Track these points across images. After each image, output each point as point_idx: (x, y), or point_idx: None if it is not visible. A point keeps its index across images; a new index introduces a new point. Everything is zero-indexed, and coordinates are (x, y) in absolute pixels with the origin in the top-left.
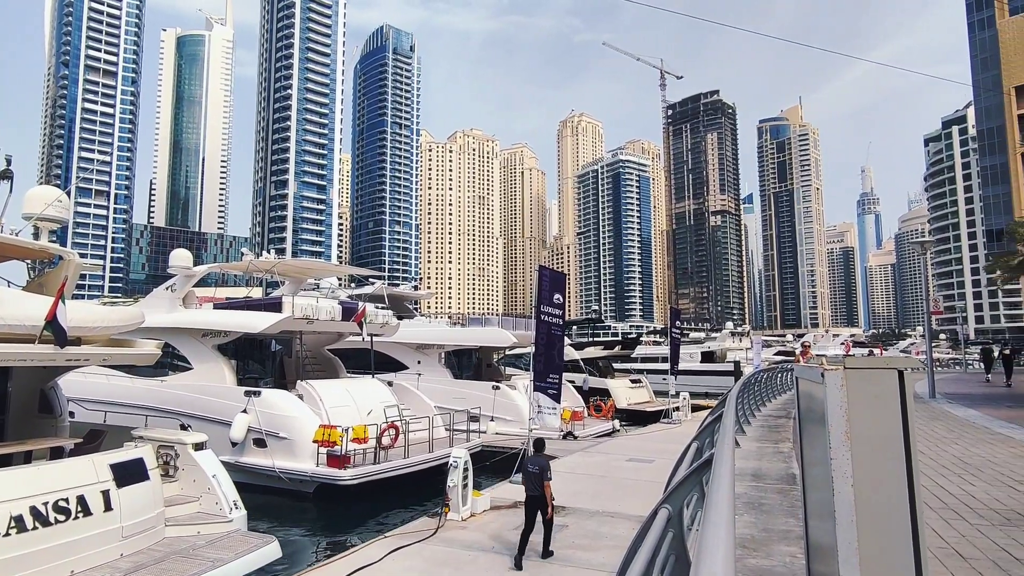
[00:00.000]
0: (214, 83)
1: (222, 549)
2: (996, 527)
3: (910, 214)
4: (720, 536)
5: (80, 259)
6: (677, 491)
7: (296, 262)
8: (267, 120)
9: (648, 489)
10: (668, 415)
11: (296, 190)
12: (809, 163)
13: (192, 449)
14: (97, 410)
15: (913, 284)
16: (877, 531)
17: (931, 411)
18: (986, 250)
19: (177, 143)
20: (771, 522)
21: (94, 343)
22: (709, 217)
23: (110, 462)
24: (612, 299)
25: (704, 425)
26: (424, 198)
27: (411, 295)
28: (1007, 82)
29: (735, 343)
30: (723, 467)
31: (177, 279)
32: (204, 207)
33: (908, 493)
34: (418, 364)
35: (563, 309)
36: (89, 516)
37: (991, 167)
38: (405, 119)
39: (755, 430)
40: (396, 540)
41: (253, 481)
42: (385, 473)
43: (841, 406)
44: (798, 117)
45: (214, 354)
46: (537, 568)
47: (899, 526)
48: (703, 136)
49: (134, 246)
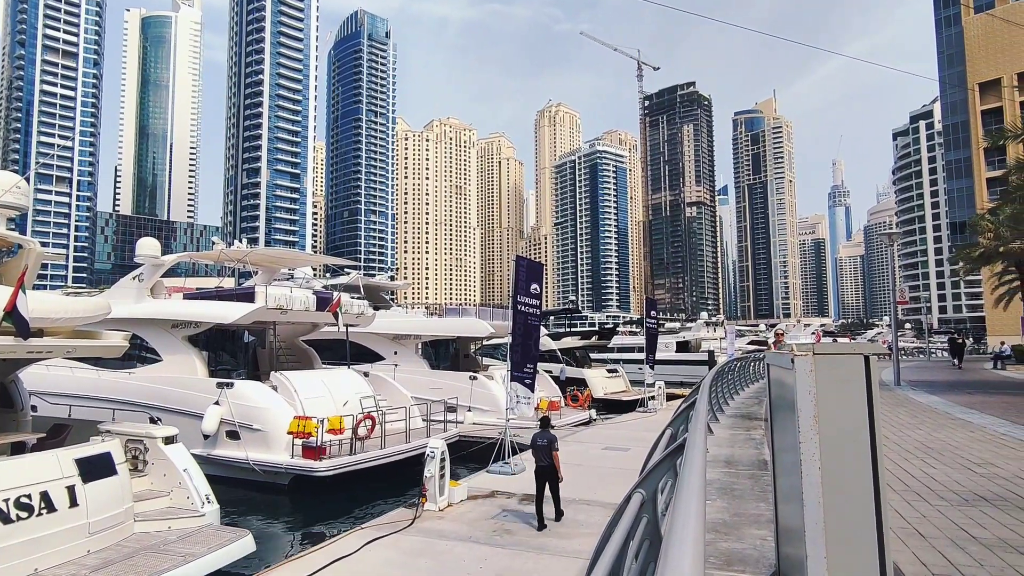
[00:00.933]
0: (181, 67)
1: (194, 544)
2: (955, 507)
3: (878, 207)
4: (691, 513)
5: (41, 248)
6: (651, 476)
7: (269, 251)
8: (238, 106)
9: (624, 477)
10: (644, 404)
11: (269, 178)
12: (783, 156)
13: (162, 443)
14: (61, 404)
15: (881, 275)
16: (842, 512)
17: (896, 398)
18: (950, 242)
19: (143, 128)
20: (743, 507)
21: (57, 335)
22: (685, 208)
23: (75, 457)
24: (589, 289)
25: (678, 412)
26: (400, 187)
27: (387, 285)
28: (971, 78)
29: (710, 333)
30: (695, 450)
31: (145, 268)
32: (173, 195)
33: (872, 475)
34: (395, 355)
35: (540, 299)
36: (54, 512)
37: (955, 161)
38: (381, 107)
39: (728, 418)
40: (373, 531)
41: (226, 474)
42: (361, 464)
43: (810, 391)
44: (772, 110)
45: (184, 345)
46: (512, 558)
47: (863, 507)
48: (679, 127)
49: (99, 235)
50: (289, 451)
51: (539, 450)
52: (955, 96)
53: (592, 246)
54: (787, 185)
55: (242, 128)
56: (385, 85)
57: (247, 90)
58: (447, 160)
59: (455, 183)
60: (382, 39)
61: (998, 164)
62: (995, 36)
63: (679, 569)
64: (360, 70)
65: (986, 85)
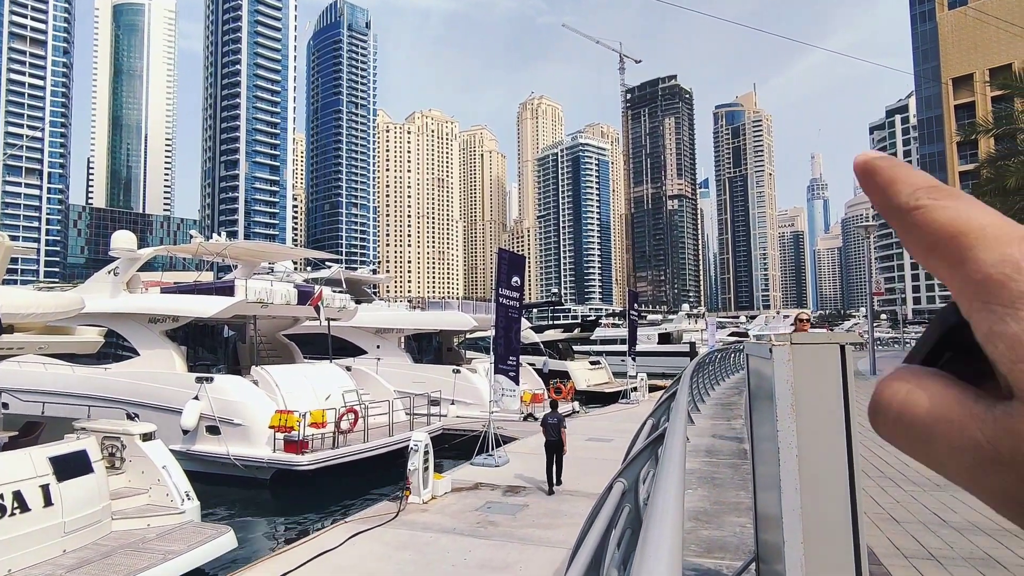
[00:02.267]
0: (156, 56)
1: (174, 541)
2: (927, 492)
3: (856, 199)
4: (670, 500)
5: (10, 241)
6: (632, 464)
7: (249, 245)
8: (215, 97)
9: (607, 467)
10: (626, 395)
11: (248, 171)
12: (762, 149)
13: (139, 440)
14: (34, 401)
15: (858, 267)
16: (819, 498)
17: (871, 387)
18: None
19: (116, 119)
20: (723, 495)
21: (29, 331)
22: (667, 201)
23: (49, 455)
24: (572, 282)
25: (660, 403)
26: (382, 180)
27: (369, 279)
28: (945, 74)
29: (691, 325)
30: (675, 439)
31: (120, 262)
32: (148, 188)
33: (848, 462)
34: (377, 348)
35: (521, 292)
36: (27, 512)
37: (930, 155)
38: (361, 98)
39: (709, 408)
40: (357, 525)
41: (207, 470)
42: (344, 458)
43: (788, 380)
44: (752, 103)
45: (162, 340)
46: (496, 549)
47: (838, 493)
48: (661, 120)
49: (71, 228)
50: (271, 446)
51: (549, 427)
52: (929, 91)
53: (575, 239)
54: (767, 178)
55: (219, 119)
56: (366, 76)
57: (224, 80)
58: (429, 152)
59: (437, 176)
60: (362, 29)
61: (970, 158)
62: (968, 32)
63: (658, 557)
64: (340, 61)
65: (959, 80)
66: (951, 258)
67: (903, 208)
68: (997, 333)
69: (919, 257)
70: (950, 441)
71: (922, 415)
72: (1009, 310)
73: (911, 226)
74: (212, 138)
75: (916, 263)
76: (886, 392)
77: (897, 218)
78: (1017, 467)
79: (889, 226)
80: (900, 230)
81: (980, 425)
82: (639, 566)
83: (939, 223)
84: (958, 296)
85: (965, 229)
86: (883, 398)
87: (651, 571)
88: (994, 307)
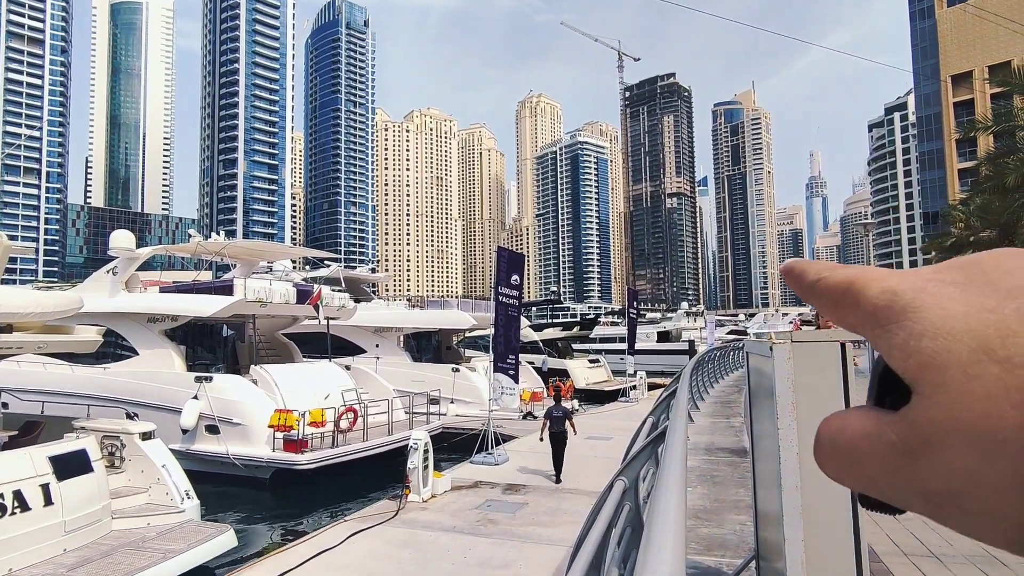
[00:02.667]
0: (154, 55)
1: (174, 540)
2: None
3: (854, 197)
4: (672, 500)
5: (9, 241)
6: (632, 463)
7: (247, 244)
8: (213, 95)
9: (606, 465)
10: (626, 394)
11: (246, 169)
12: (761, 147)
13: (139, 439)
14: (34, 400)
15: (857, 264)
16: (819, 496)
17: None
18: (923, 232)
19: (115, 118)
20: (723, 493)
21: (28, 330)
22: (665, 199)
23: (49, 454)
24: (571, 280)
25: (660, 400)
26: (381, 178)
27: (368, 278)
28: (944, 71)
29: (690, 323)
30: (676, 438)
31: (119, 262)
32: (147, 187)
33: None
34: (376, 347)
35: (520, 290)
36: (27, 511)
37: (928, 153)
38: (360, 97)
39: (708, 406)
40: (356, 523)
41: (206, 469)
42: (344, 457)
43: (788, 377)
44: (751, 101)
45: (161, 340)
46: (496, 547)
47: (839, 491)
48: (660, 119)
49: (70, 227)
50: (270, 445)
51: (555, 420)
52: (928, 88)
53: (574, 237)
54: (765, 176)
55: (217, 118)
56: (364, 75)
57: (222, 79)
58: (428, 151)
59: (436, 174)
60: (360, 28)
61: (969, 155)
62: (967, 29)
63: (661, 556)
64: (338, 59)
65: (958, 78)
66: (850, 304)
67: (811, 284)
68: (892, 346)
69: (832, 317)
70: (873, 451)
71: (848, 435)
72: (895, 324)
73: (820, 294)
74: (210, 137)
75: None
76: (822, 427)
77: (811, 293)
78: (922, 452)
79: (887, 225)
80: (815, 302)
81: (892, 428)
82: (643, 565)
83: (835, 282)
84: (864, 332)
85: (853, 279)
86: (820, 432)
87: (655, 571)
88: (887, 327)
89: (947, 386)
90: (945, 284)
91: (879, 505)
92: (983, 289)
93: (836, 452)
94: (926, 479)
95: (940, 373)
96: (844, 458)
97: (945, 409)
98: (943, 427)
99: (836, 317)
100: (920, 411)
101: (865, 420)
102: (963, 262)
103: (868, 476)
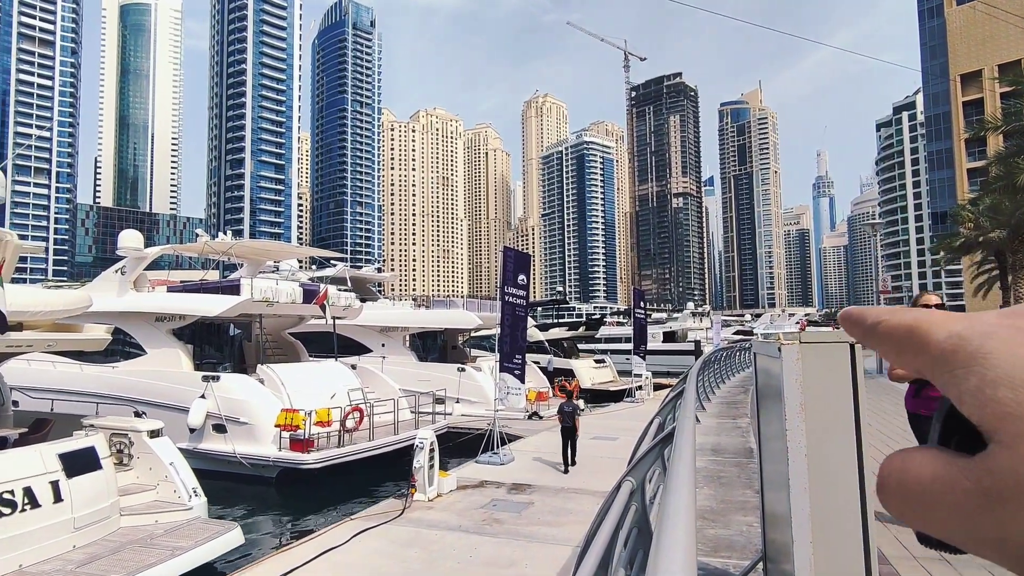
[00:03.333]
0: (162, 56)
1: (181, 537)
2: None
3: (862, 197)
4: (681, 502)
5: (19, 240)
6: (640, 464)
7: (254, 243)
8: (220, 96)
9: (612, 465)
10: (631, 394)
11: (253, 169)
12: (768, 146)
13: (147, 436)
14: (43, 398)
15: (864, 265)
16: (828, 498)
17: (879, 385)
18: (931, 232)
19: (123, 119)
20: (730, 494)
21: (37, 329)
22: (671, 199)
23: (59, 452)
24: (577, 280)
25: (666, 401)
26: (387, 178)
27: (374, 277)
28: (953, 70)
29: (696, 323)
30: (684, 439)
31: (127, 261)
32: (155, 186)
33: (857, 462)
34: (382, 347)
35: (527, 290)
36: (37, 508)
37: (937, 152)
38: (366, 97)
39: (715, 407)
40: (362, 522)
41: (213, 468)
42: (350, 456)
43: (796, 379)
44: (758, 101)
45: (169, 339)
46: (502, 546)
47: (849, 493)
48: (666, 118)
49: (79, 227)
50: (277, 444)
51: (565, 415)
52: (937, 87)
53: (579, 237)
54: (772, 176)
55: (225, 118)
56: (370, 75)
57: (230, 80)
58: (434, 151)
59: (442, 174)
60: (367, 28)
61: (978, 155)
62: (977, 27)
63: (672, 559)
64: (345, 60)
65: (968, 76)
66: (915, 348)
67: (872, 327)
68: (963, 391)
69: (896, 361)
70: (946, 497)
71: (917, 478)
72: (964, 369)
73: (882, 337)
74: (218, 137)
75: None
76: (885, 467)
77: (871, 336)
78: (1001, 501)
79: (895, 225)
80: (876, 344)
81: (967, 474)
82: (654, 566)
83: (897, 325)
84: (931, 376)
85: (916, 324)
86: (883, 473)
87: (667, 570)
88: (955, 371)
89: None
90: (1013, 329)
91: (940, 544)
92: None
93: (904, 493)
94: (1004, 528)
95: (1021, 424)
96: (913, 500)
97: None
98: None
99: (899, 360)
100: (1001, 460)
101: (935, 462)
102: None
103: (938, 519)
